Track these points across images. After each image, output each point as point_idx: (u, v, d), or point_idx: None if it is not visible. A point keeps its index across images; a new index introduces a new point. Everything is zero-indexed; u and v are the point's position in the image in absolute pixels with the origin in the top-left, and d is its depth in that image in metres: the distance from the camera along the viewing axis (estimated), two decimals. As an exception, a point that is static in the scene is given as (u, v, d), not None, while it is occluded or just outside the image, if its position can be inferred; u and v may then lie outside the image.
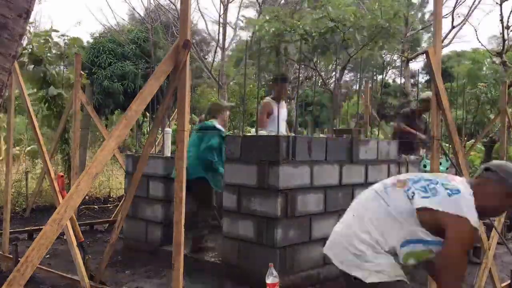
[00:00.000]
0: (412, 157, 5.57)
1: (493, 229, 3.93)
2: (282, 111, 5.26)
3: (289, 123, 11.49)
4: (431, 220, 2.06)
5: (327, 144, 4.29)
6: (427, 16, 20.91)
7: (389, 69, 22.63)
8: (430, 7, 23.08)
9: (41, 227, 5.45)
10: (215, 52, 13.32)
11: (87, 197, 8.21)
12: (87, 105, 6.87)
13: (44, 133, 9.02)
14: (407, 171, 5.18)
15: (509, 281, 4.12)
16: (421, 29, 13.99)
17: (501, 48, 10.75)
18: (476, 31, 17.47)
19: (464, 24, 11.35)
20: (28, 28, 6.70)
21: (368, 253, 2.09)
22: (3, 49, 1.91)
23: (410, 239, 2.09)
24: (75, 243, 3.60)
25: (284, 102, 5.68)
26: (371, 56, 7.61)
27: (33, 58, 7.72)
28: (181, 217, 2.82)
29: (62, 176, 4.20)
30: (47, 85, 7.85)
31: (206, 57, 18.99)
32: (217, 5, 14.62)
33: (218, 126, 4.84)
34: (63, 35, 8.44)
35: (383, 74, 6.69)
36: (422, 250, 2.10)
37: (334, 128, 5.06)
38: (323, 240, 4.25)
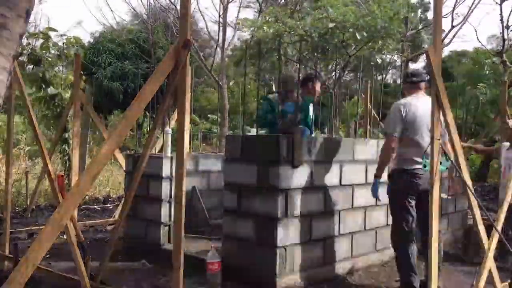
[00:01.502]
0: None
1: (493, 228, 3.92)
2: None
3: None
4: None
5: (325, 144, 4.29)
6: (428, 16, 20.92)
7: (389, 69, 22.59)
8: (430, 6, 23.03)
9: (41, 227, 5.45)
10: (215, 52, 13.32)
11: (87, 197, 8.21)
12: (86, 105, 6.87)
13: (42, 132, 9.00)
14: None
15: (509, 281, 4.11)
16: (421, 29, 13.97)
17: (501, 47, 10.74)
18: (476, 31, 17.41)
19: (464, 23, 11.32)
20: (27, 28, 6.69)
21: None
22: (3, 49, 1.90)
23: None
24: (75, 243, 3.60)
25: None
26: (369, 56, 7.61)
27: (32, 58, 7.72)
28: (181, 217, 2.82)
29: (62, 176, 4.19)
30: (46, 85, 7.85)
31: (206, 56, 18.97)
32: (217, 5, 14.61)
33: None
34: (62, 35, 8.45)
35: (383, 74, 6.70)
36: None
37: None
38: (323, 240, 4.28)
